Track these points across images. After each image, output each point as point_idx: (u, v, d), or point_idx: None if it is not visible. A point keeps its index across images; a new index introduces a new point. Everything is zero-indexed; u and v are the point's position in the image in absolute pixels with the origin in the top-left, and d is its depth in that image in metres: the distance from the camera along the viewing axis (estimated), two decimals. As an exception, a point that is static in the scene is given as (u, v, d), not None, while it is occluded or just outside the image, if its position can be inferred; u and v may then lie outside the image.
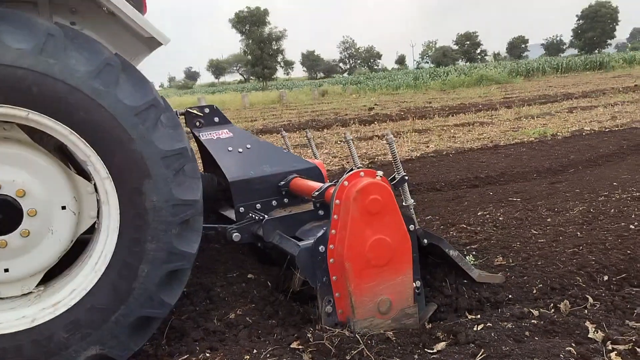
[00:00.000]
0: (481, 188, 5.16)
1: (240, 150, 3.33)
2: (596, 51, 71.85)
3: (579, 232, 3.51)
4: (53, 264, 2.28)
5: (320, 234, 2.44)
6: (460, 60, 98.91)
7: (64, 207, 2.27)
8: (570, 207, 4.13)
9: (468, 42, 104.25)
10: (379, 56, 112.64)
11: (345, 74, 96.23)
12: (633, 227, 3.49)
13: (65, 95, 2.04)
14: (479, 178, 5.47)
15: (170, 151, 2.26)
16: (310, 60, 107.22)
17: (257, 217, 2.95)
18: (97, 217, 2.36)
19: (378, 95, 29.94)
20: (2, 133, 2.21)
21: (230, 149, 3.31)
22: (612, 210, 3.90)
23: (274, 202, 3.24)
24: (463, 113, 13.77)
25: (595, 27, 75.90)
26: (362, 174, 2.49)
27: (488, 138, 8.79)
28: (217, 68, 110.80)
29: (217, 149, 3.29)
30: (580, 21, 79.34)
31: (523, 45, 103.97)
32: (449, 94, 24.54)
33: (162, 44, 2.45)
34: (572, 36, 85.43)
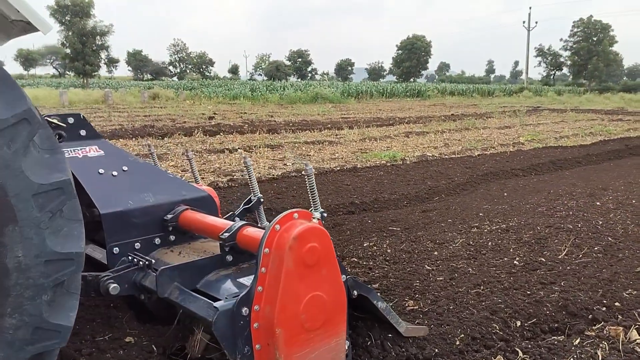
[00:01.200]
0: (358, 215, 5.05)
1: (115, 173, 2.65)
2: (411, 80, 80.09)
3: (470, 268, 3.52)
4: None
5: (243, 292, 1.95)
6: (292, 76, 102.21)
7: None
8: (450, 238, 4.18)
9: (300, 59, 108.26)
10: (211, 63, 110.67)
11: (175, 78, 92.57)
12: (517, 262, 3.61)
13: None
14: (354, 204, 5.37)
15: (46, 185, 1.60)
16: (137, 60, 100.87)
17: (140, 262, 2.33)
18: None
19: (215, 104, 29.17)
20: None
21: (101, 171, 2.62)
22: (490, 243, 4.03)
23: (157, 240, 2.63)
24: (309, 130, 13.93)
25: (412, 57, 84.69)
26: (295, 215, 2.07)
27: (341, 158, 8.89)
28: (27, 59, 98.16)
29: (84, 171, 2.57)
30: (400, 51, 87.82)
31: (349, 68, 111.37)
32: (287, 109, 24.89)
33: (38, 31, 1.76)
34: (391, 64, 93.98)
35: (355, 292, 2.30)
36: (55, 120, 2.57)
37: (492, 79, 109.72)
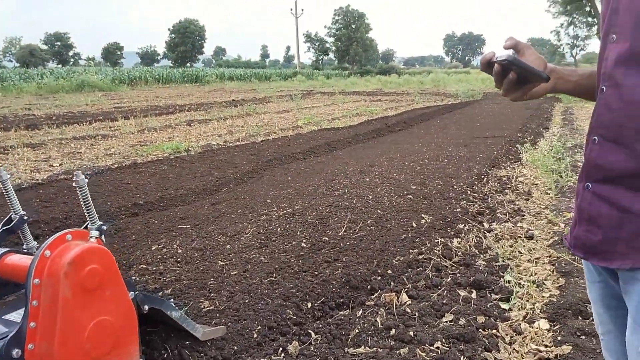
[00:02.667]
0: (143, 216, 4.74)
1: None
2: (188, 64, 78.48)
3: (263, 257, 3.61)
4: None
5: (12, 331, 1.66)
6: (51, 62, 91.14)
7: None
8: (241, 229, 4.23)
9: (59, 43, 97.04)
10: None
11: None
12: (304, 244, 3.83)
13: None
14: (138, 205, 5.02)
15: None
16: None
17: None
18: None
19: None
20: None
21: None
22: (279, 229, 4.20)
23: None
24: (77, 124, 12.62)
25: (187, 41, 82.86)
26: (69, 237, 1.83)
27: (119, 154, 8.27)
28: None
29: None
30: (173, 35, 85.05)
31: (119, 52, 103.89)
32: (49, 100, 22.12)
33: None
34: (165, 48, 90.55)
35: (147, 307, 2.16)
36: None
37: (267, 64, 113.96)
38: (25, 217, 2.90)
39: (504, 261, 3.57)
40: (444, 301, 2.94)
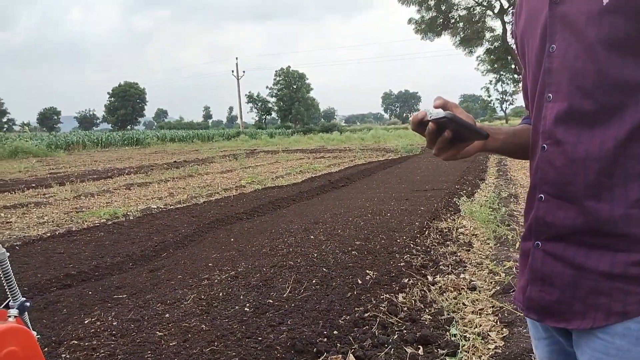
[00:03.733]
0: (76, 287, 4.46)
1: None
2: (129, 127, 77.38)
3: (204, 324, 3.46)
4: None
5: None
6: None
7: None
8: (181, 296, 4.06)
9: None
10: None
11: None
12: (247, 309, 3.71)
13: None
14: (71, 275, 4.73)
15: None
16: None
17: None
18: None
19: None
20: None
21: None
22: (221, 294, 4.06)
23: None
24: (9, 192, 12.01)
25: (127, 104, 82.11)
26: (-20, 319, 1.67)
27: (53, 222, 7.88)
28: None
29: None
30: (112, 98, 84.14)
31: (56, 117, 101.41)
32: (-22, 167, 21.08)
33: None
34: (104, 112, 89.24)
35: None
36: None
37: (210, 124, 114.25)
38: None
39: (449, 314, 3.58)
40: None
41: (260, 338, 3.17)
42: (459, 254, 5.18)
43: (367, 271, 4.59)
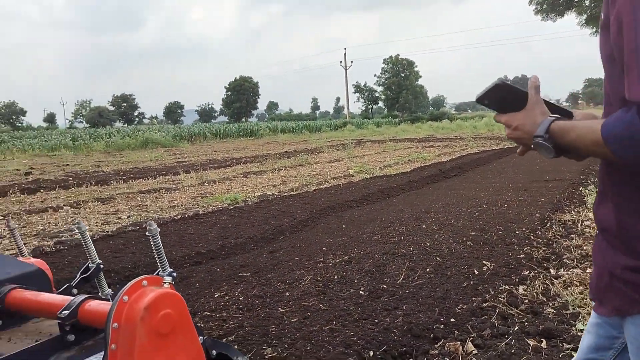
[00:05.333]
0: (206, 265, 4.89)
1: None
2: (243, 119, 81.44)
3: (321, 304, 3.63)
4: None
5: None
6: (117, 122, 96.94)
7: None
8: (299, 276, 4.28)
9: (125, 104, 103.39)
10: (22, 113, 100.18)
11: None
12: (362, 292, 3.82)
13: None
14: (201, 254, 5.20)
15: None
16: None
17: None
18: None
19: (31, 157, 26.25)
20: None
21: None
22: (336, 277, 4.21)
23: (-20, 328, 2.25)
24: (143, 178, 13.26)
25: (241, 98, 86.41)
26: (145, 282, 1.93)
27: (182, 206, 8.61)
28: None
29: None
30: (229, 92, 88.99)
31: (179, 110, 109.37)
32: (116, 157, 23.44)
33: None
34: (222, 105, 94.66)
35: (214, 352, 2.21)
36: None
37: (318, 115, 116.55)
38: (102, 266, 3.08)
39: (574, 309, 3.41)
40: (513, 350, 2.83)
41: (376, 320, 3.26)
42: (584, 248, 4.87)
43: (484, 262, 4.49)
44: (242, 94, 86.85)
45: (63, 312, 2.07)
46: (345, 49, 70.25)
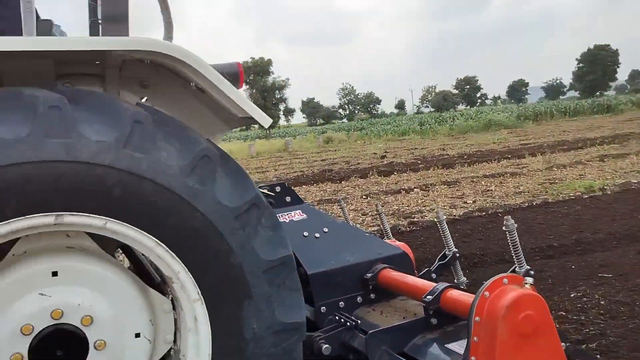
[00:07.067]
0: (558, 259, 4.62)
1: (317, 235, 2.84)
2: (597, 93, 72.51)
3: None
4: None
5: (456, 360, 1.92)
6: (460, 105, 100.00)
7: (137, 335, 1.75)
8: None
9: (468, 87, 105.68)
10: (378, 101, 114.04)
11: (345, 120, 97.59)
12: None
13: (154, 198, 1.58)
14: (552, 247, 4.94)
15: (274, 261, 1.78)
16: (310, 107, 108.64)
17: (347, 323, 2.44)
18: (175, 342, 1.85)
19: (385, 142, 29.70)
20: (64, 241, 1.71)
21: (305, 234, 2.82)
22: None
23: (358, 299, 2.73)
24: (486, 162, 13.36)
25: (596, 69, 77.00)
26: (505, 280, 1.98)
27: (528, 192, 8.31)
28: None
29: (291, 235, 2.79)
30: (581, 64, 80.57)
31: (524, 89, 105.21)
32: (459, 140, 24.27)
33: (258, 123, 1.99)
34: (572, 79, 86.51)
35: (578, 362, 2.10)
36: (265, 191, 2.86)
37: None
38: (457, 255, 3.29)
39: None
40: None
41: None
42: None
43: None
44: (596, 65, 77.34)
45: (427, 297, 2.32)
46: None
